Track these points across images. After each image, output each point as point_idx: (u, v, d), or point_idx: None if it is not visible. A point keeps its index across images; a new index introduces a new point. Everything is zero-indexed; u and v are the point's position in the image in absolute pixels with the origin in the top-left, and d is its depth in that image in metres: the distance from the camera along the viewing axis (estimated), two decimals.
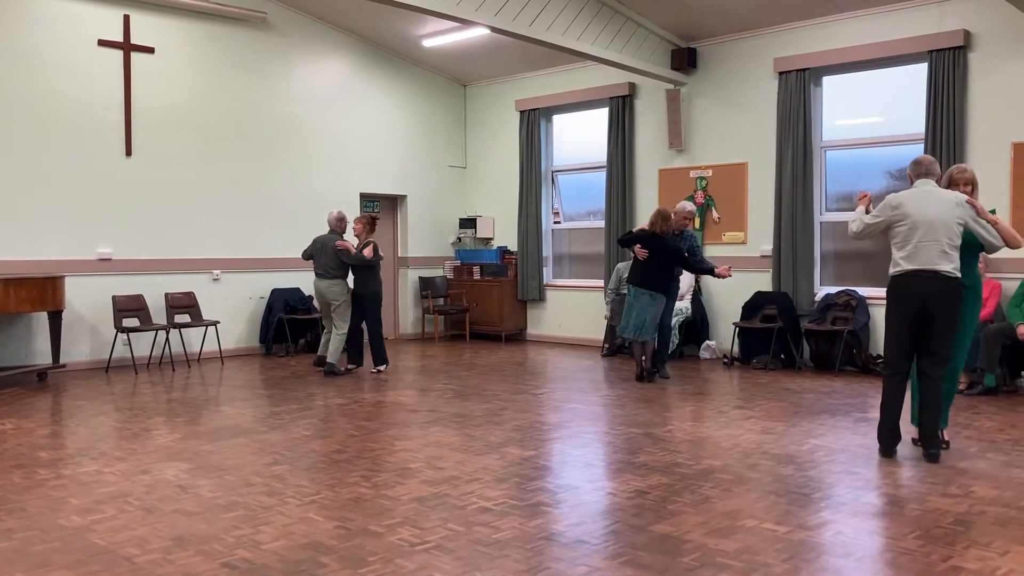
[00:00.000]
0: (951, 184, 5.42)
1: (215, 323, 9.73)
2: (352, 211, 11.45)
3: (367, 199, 11.66)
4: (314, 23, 11.04)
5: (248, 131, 10.48)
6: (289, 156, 10.87)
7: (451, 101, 12.73)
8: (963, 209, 5.17)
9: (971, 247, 5.28)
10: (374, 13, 10.33)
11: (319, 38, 11.14)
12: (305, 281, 10.80)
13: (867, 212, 5.58)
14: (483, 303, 11.98)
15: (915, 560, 3.56)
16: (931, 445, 5.21)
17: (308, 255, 9.00)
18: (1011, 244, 5.31)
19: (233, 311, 10.37)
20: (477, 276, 12.19)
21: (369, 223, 8.95)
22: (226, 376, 8.83)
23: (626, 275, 10.35)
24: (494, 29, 8.19)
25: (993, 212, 5.36)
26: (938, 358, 5.18)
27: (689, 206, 8.65)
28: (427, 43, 11.11)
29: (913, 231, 5.14)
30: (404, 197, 12.19)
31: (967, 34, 8.16)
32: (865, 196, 5.69)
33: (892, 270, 5.27)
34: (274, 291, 10.54)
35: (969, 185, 5.39)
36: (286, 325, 10.40)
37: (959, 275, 5.14)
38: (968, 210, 5.18)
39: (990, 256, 7.81)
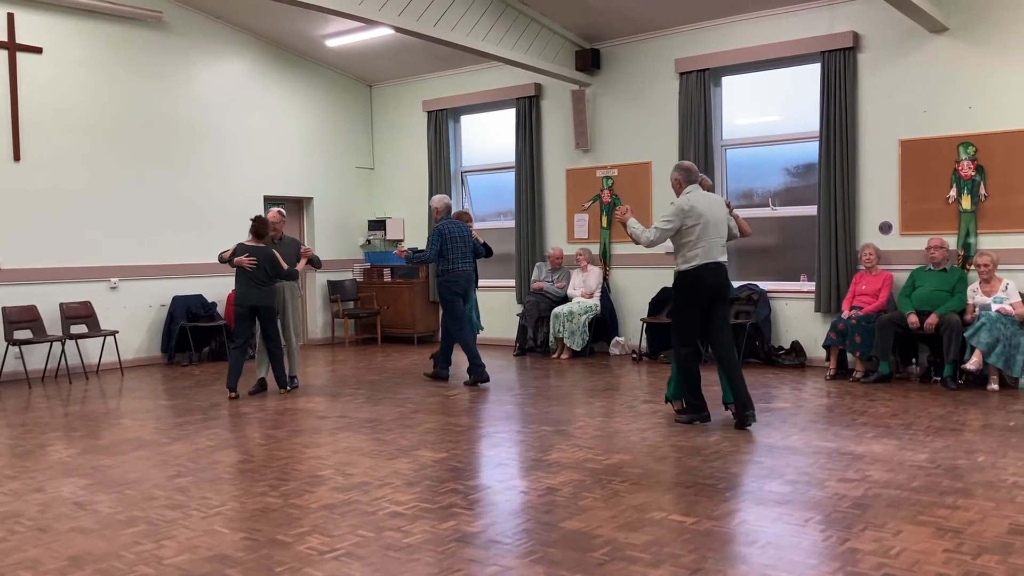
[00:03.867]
0: (707, 187, 6.26)
1: (114, 333, 9.38)
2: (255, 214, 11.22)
3: (271, 201, 11.42)
4: (212, 22, 10.76)
5: (145, 134, 10.15)
6: (189, 159, 10.57)
7: (357, 102, 12.59)
8: (724, 208, 6.15)
9: None
10: (274, 12, 10.14)
11: (218, 38, 10.86)
12: (207, 287, 10.54)
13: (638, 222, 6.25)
14: (394, 305, 11.88)
15: (815, 544, 3.68)
16: (747, 408, 5.94)
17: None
18: (744, 233, 6.39)
19: (132, 320, 10.02)
20: (388, 278, 12.08)
21: (262, 226, 7.81)
22: (126, 387, 8.53)
23: (544, 275, 10.46)
24: (398, 29, 8.12)
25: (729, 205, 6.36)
26: (726, 333, 6.08)
27: (444, 199, 8.51)
28: (330, 43, 10.96)
29: (705, 230, 5.90)
30: (310, 199, 12.00)
31: (856, 36, 8.48)
32: (627, 209, 6.30)
33: (685, 265, 5.96)
34: (175, 298, 10.23)
35: (711, 190, 6.28)
36: (189, 333, 10.11)
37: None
38: (725, 208, 6.16)
39: (880, 248, 8.19)
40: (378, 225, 12.36)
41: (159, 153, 10.28)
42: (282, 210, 8.29)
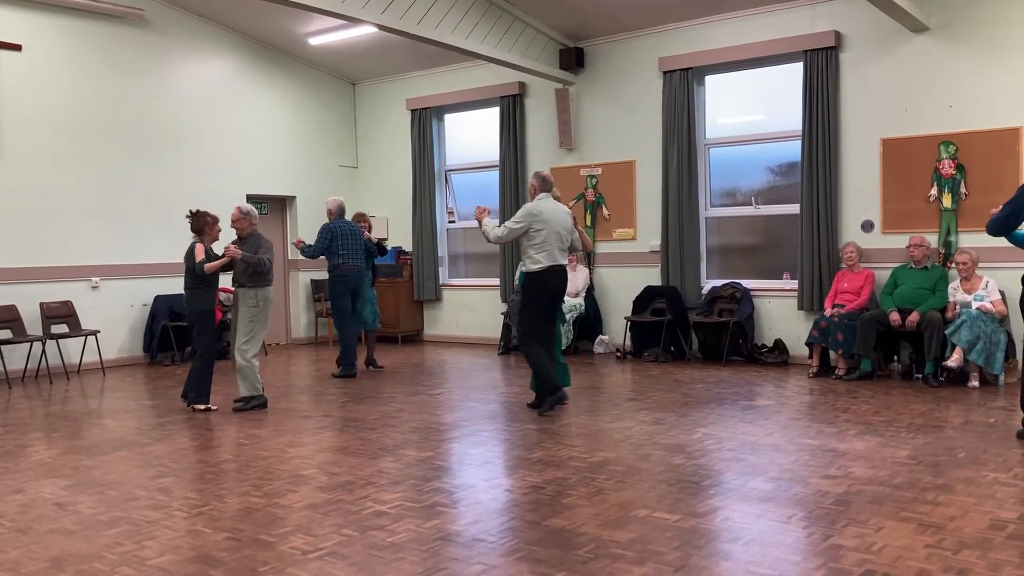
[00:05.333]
0: (555, 198, 6.68)
1: (95, 333, 9.31)
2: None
3: (254, 201, 11.35)
4: (195, 21, 10.69)
5: (128, 132, 10.08)
6: (172, 157, 10.50)
7: (340, 100, 12.55)
8: (569, 218, 6.62)
9: None
10: (257, 10, 10.09)
11: (201, 36, 10.79)
12: None
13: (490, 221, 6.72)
14: (379, 305, 11.81)
15: (798, 540, 3.70)
16: (557, 389, 6.48)
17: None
18: (587, 248, 7.00)
19: (114, 320, 9.95)
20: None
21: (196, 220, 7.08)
22: (108, 387, 8.47)
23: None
24: (381, 27, 8.10)
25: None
26: (552, 328, 6.58)
27: (338, 201, 8.94)
28: (314, 41, 10.91)
29: (549, 235, 6.41)
30: (293, 198, 11.95)
31: (838, 35, 8.53)
32: (484, 209, 6.74)
33: (533, 267, 6.45)
34: (157, 298, 10.16)
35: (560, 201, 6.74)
36: (171, 333, 10.04)
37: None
38: (571, 219, 6.62)
39: (862, 247, 8.24)
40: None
41: (141, 152, 10.21)
42: (242, 206, 7.12)
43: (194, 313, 6.89)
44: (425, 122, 11.72)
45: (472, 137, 11.71)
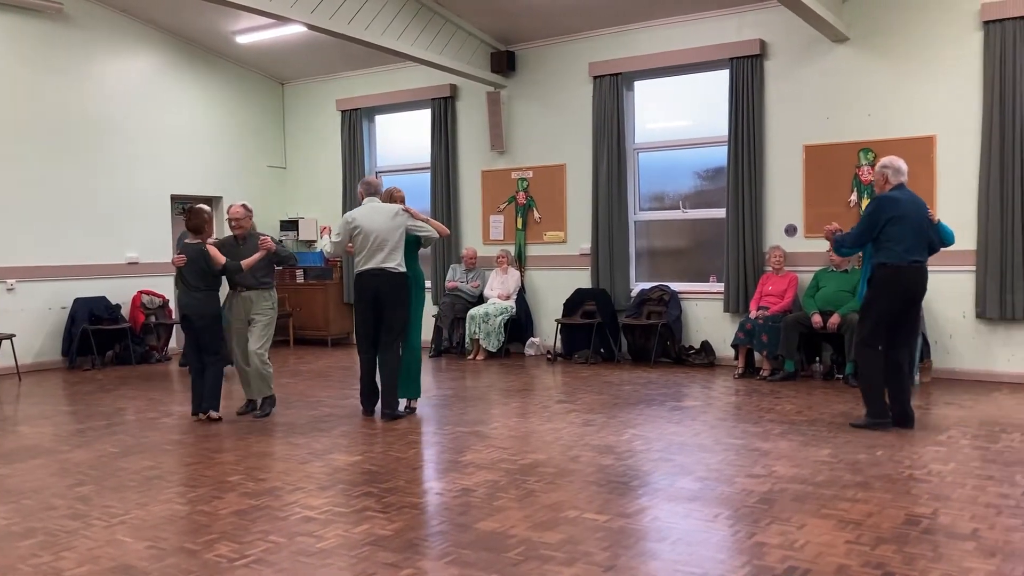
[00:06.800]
0: (391, 198, 6.75)
1: (10, 336, 8.97)
2: (162, 216, 10.91)
3: (179, 201, 11.10)
4: (116, 15, 10.39)
5: (46, 130, 9.73)
6: (92, 156, 10.18)
7: (269, 100, 12.35)
8: (402, 217, 6.52)
9: (412, 246, 6.68)
10: (181, 7, 9.87)
11: (123, 32, 10.50)
12: (111, 289, 10.18)
13: (334, 236, 6.74)
14: (307, 307, 11.68)
15: (724, 539, 3.77)
16: (393, 407, 6.49)
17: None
18: (442, 234, 6.83)
19: (30, 323, 9.59)
20: (300, 280, 11.87)
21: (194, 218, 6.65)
22: (24, 393, 8.17)
23: (458, 275, 10.44)
24: (310, 27, 8.00)
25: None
26: (393, 336, 6.48)
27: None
28: (241, 39, 10.71)
29: (366, 239, 6.39)
30: (220, 199, 11.70)
31: (763, 43, 8.73)
32: (325, 228, 6.63)
33: (355, 271, 6.50)
34: (76, 300, 9.83)
35: (402, 200, 6.80)
36: (91, 337, 9.73)
37: (404, 270, 6.51)
38: (405, 217, 6.53)
39: (786, 250, 8.44)
40: (291, 225, 12.14)
41: (60, 150, 9.87)
42: (245, 203, 6.94)
43: (204, 318, 6.45)
44: (355, 123, 11.61)
45: (403, 139, 11.64)
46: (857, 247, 5.98)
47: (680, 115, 9.63)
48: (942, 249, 6.04)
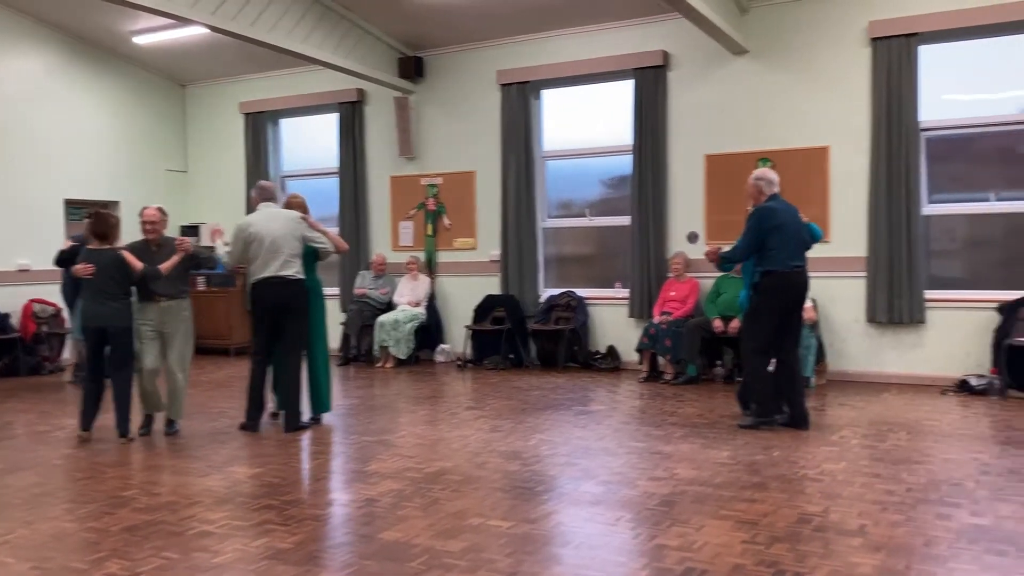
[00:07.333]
0: (289, 206, 6.56)
1: None
2: (55, 222, 10.46)
3: (73, 206, 10.67)
4: (5, 12, 9.93)
5: None
6: None
7: (169, 102, 11.99)
8: (300, 224, 6.31)
9: (309, 255, 6.45)
10: (77, 5, 9.50)
11: (12, 29, 10.02)
12: None
13: (224, 244, 6.57)
14: (208, 315, 11.33)
15: (625, 542, 3.82)
16: (296, 419, 6.28)
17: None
18: (340, 249, 6.72)
19: None
20: (202, 287, 11.54)
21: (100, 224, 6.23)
22: None
23: (367, 282, 10.30)
24: (211, 28, 7.81)
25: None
26: (293, 347, 6.29)
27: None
28: (139, 40, 10.36)
29: (261, 246, 6.14)
30: (116, 203, 11.28)
31: (666, 55, 8.92)
32: (217, 231, 6.68)
33: (250, 279, 6.24)
34: None
35: (301, 208, 6.57)
36: None
37: (303, 277, 6.28)
38: (303, 225, 6.34)
39: (689, 257, 8.60)
40: (191, 231, 11.79)
41: None
42: (160, 207, 6.50)
43: (120, 330, 5.96)
44: (260, 126, 11.38)
45: (310, 143, 11.46)
46: (744, 259, 6.19)
47: (587, 124, 9.75)
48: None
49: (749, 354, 6.15)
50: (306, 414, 6.52)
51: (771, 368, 7.45)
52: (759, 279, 6.07)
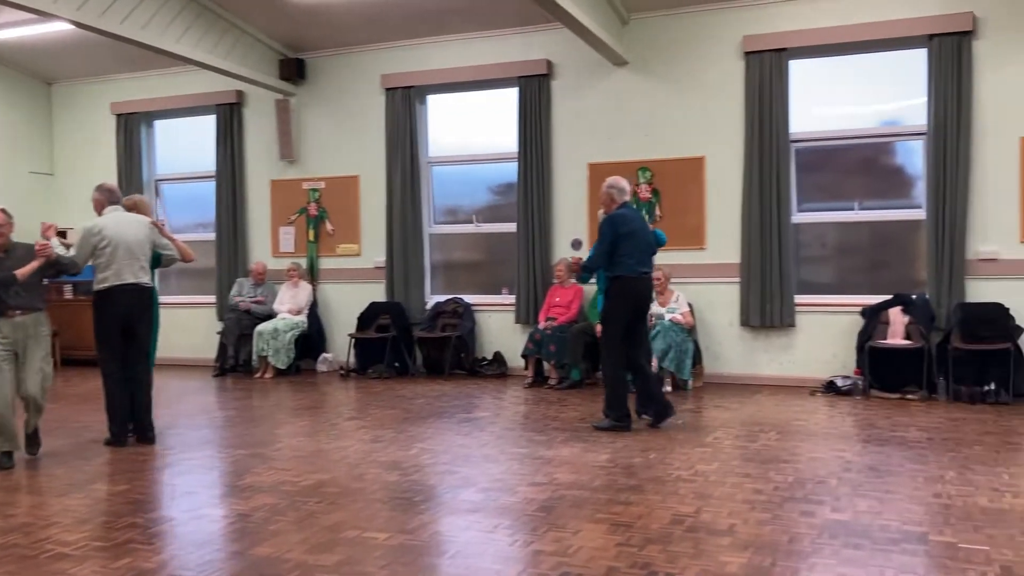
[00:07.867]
0: (135, 207, 6.35)
1: None
2: None
3: None
4: None
5: None
6: None
7: (32, 101, 11.36)
8: (152, 230, 6.17)
9: (152, 263, 6.24)
10: None
11: None
12: None
13: (61, 243, 6.20)
14: (77, 325, 10.77)
15: (502, 549, 3.81)
16: (152, 428, 6.12)
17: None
18: (186, 258, 6.42)
19: None
20: (69, 295, 11.00)
21: None
22: None
23: (246, 290, 9.97)
24: (77, 24, 7.44)
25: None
26: (144, 355, 6.15)
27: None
28: None
29: (116, 251, 5.91)
30: None
31: (550, 63, 9.01)
32: (51, 226, 6.21)
33: (99, 287, 5.95)
34: None
35: (148, 212, 6.41)
36: None
37: (153, 285, 6.22)
38: (155, 231, 6.18)
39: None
40: (59, 236, 11.20)
41: None
42: (6, 209, 5.67)
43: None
44: (132, 128, 10.93)
45: (185, 146, 11.07)
46: (602, 266, 6.29)
47: (473, 130, 9.75)
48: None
49: (606, 357, 6.35)
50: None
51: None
52: (609, 284, 6.22)
